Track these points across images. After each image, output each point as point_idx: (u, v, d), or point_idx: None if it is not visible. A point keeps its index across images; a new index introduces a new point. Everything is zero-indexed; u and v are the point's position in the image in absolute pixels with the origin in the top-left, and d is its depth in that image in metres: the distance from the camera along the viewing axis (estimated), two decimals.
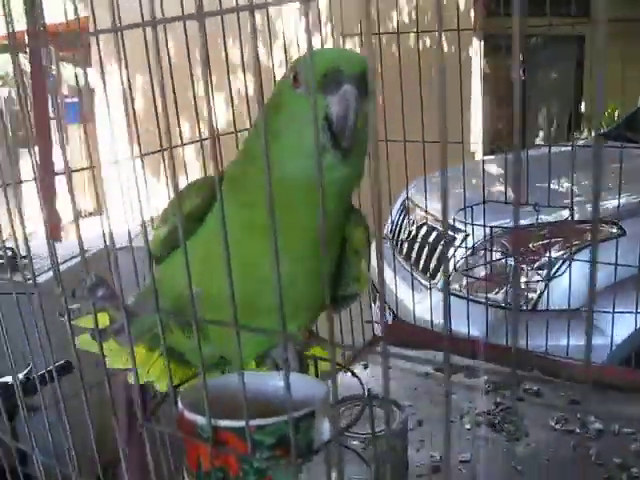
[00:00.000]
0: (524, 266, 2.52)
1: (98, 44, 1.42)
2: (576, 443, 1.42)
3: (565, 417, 1.51)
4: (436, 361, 1.82)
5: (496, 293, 2.57)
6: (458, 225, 2.70)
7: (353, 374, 0.96)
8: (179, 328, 1.20)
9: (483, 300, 2.27)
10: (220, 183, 1.07)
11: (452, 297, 2.31)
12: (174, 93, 1.44)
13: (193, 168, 1.54)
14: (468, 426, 1.52)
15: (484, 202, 1.93)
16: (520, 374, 1.68)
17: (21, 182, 1.36)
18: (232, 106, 1.59)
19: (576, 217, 2.42)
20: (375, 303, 3.17)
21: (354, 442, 1.05)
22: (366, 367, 1.85)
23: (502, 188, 2.28)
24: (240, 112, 1.65)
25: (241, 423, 0.70)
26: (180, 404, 0.79)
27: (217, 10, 0.60)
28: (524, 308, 2.48)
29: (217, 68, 1.54)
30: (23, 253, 1.10)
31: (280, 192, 0.96)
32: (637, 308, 1.83)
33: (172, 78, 1.51)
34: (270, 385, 0.90)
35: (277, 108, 1.00)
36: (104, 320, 1.14)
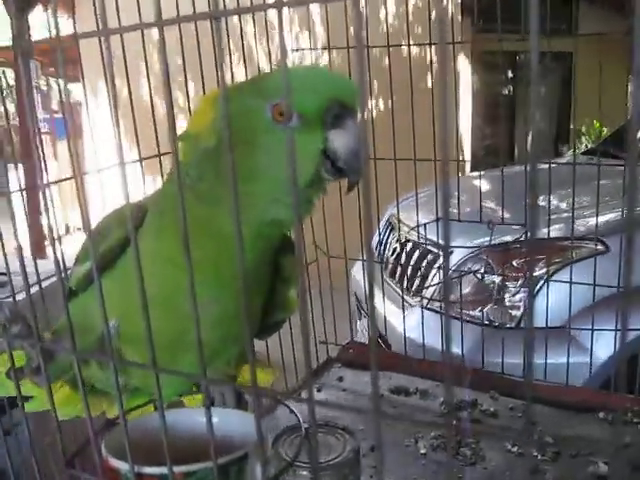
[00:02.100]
0: (508, 283, 2.52)
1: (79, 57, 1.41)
2: (532, 467, 1.38)
3: (522, 439, 1.47)
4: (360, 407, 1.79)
5: (479, 311, 2.56)
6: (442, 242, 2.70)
7: (287, 407, 0.92)
8: (98, 365, 1.12)
9: (466, 318, 2.27)
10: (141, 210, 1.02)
11: (434, 315, 2.30)
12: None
13: None
14: (423, 450, 1.48)
15: (437, 219, 1.91)
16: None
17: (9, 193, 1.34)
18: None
19: (560, 233, 2.43)
20: (360, 320, 3.16)
21: (303, 472, 1.00)
22: (319, 390, 1.80)
23: (487, 205, 2.27)
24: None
25: (165, 470, 0.65)
26: (103, 449, 0.74)
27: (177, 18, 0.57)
28: (508, 325, 2.48)
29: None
30: (2, 270, 1.08)
31: (217, 230, 0.92)
32: (616, 326, 1.82)
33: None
34: (202, 422, 0.80)
35: (247, 146, 0.90)
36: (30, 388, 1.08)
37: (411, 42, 2.02)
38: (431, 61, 1.86)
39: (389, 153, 1.91)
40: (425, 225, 2.07)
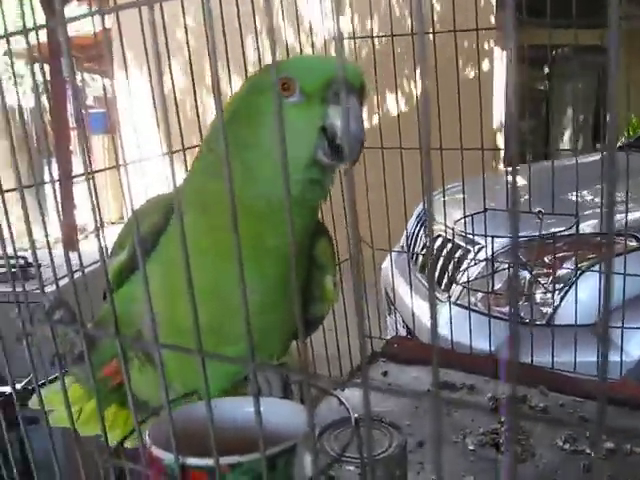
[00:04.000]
0: (540, 279, 2.48)
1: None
2: (587, 464, 1.35)
3: (574, 436, 1.44)
4: (419, 391, 1.77)
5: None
6: (476, 238, 2.67)
7: (336, 397, 0.89)
8: (138, 360, 1.14)
9: (499, 315, 2.24)
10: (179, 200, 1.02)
11: (464, 310, 2.27)
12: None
13: None
14: (471, 447, 1.45)
15: (484, 210, 1.87)
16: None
17: (42, 184, 1.35)
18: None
19: (593, 229, 2.38)
20: (390, 315, 3.15)
21: (349, 467, 0.98)
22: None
23: (523, 199, 2.24)
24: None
25: (211, 461, 0.63)
26: (147, 438, 0.72)
27: None
28: (538, 322, 2.44)
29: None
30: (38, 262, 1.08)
31: (252, 212, 0.92)
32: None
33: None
34: (247, 412, 0.81)
35: (257, 118, 0.94)
36: (57, 400, 1.06)
37: (456, 29, 1.97)
38: (478, 48, 1.83)
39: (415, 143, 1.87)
40: (467, 218, 2.03)
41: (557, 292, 2.42)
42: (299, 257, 1.05)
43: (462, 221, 2.29)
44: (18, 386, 1.50)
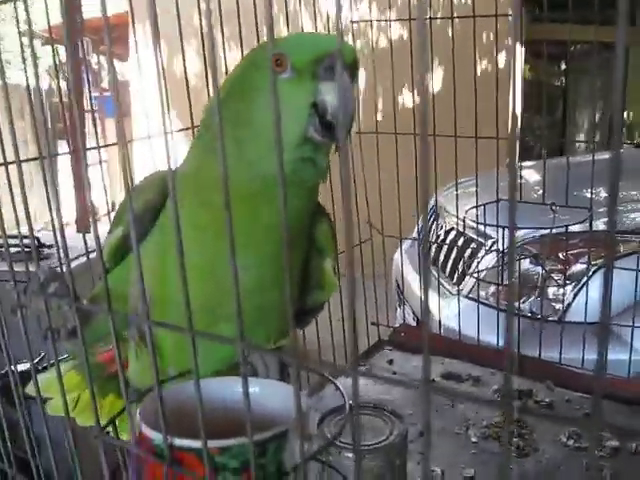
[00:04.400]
0: (553, 275, 2.47)
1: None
2: (589, 462, 1.35)
3: (578, 432, 1.43)
4: (411, 382, 1.77)
5: (523, 302, 2.52)
6: (488, 231, 2.65)
7: (335, 385, 0.87)
8: (134, 344, 1.12)
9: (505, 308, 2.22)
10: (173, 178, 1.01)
11: (475, 304, 2.26)
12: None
13: None
14: (474, 439, 1.45)
15: (497, 200, 1.85)
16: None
17: (57, 155, 1.32)
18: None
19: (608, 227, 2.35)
20: (401, 306, 3.14)
21: (348, 454, 0.98)
22: (368, 371, 1.78)
23: (537, 194, 2.22)
24: None
25: (200, 444, 0.61)
26: (138, 417, 0.70)
27: None
28: (550, 319, 2.42)
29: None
30: (49, 242, 1.07)
31: (246, 189, 0.91)
32: None
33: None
34: (240, 392, 0.78)
35: (249, 94, 0.92)
36: (55, 387, 1.04)
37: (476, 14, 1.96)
38: (497, 35, 1.81)
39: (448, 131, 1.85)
40: (479, 208, 2.01)
41: (570, 289, 2.41)
42: (297, 238, 1.03)
43: (475, 213, 2.28)
44: (23, 367, 1.50)
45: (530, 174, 3.27)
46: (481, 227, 2.66)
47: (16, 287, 0.81)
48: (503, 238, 2.11)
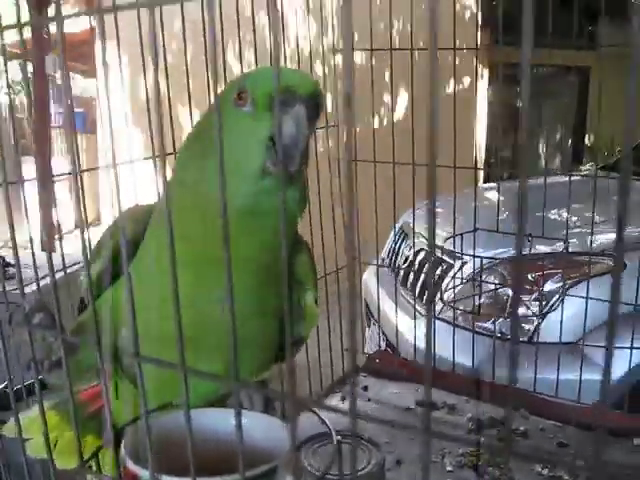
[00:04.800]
0: (521, 297, 2.49)
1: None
2: None
3: (552, 461, 1.44)
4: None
5: (492, 323, 2.53)
6: (457, 252, 2.67)
7: (318, 417, 0.87)
8: (117, 377, 1.11)
9: (479, 330, 2.24)
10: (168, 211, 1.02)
11: (446, 325, 2.27)
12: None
13: None
14: (449, 467, 1.43)
15: (474, 230, 1.88)
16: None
17: (23, 181, 1.31)
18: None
19: (575, 248, 2.38)
20: (369, 327, 3.14)
21: None
22: (344, 399, 1.76)
23: (500, 216, 2.25)
24: None
25: None
26: (123, 452, 0.68)
27: None
28: (520, 339, 2.44)
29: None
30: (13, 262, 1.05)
31: (214, 224, 0.91)
32: (632, 344, 1.79)
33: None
34: (229, 425, 0.78)
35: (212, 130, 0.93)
36: (35, 428, 1.05)
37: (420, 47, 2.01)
38: (455, 66, 1.86)
39: (406, 158, 1.89)
40: (459, 235, 2.03)
41: (540, 310, 2.43)
42: (273, 269, 1.01)
43: (451, 241, 2.31)
44: None
45: (493, 196, 3.32)
46: (450, 248, 2.69)
47: None
48: (474, 262, 2.12)
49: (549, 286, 2.42)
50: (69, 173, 1.32)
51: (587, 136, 9.11)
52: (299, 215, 1.01)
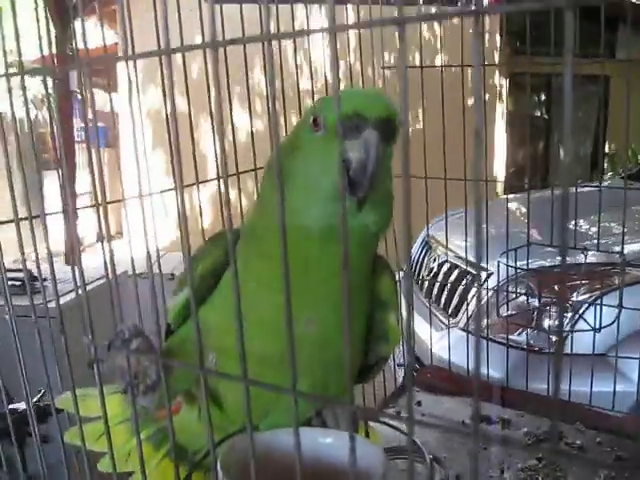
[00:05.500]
0: (549, 308, 2.47)
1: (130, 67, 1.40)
2: None
3: (612, 475, 1.41)
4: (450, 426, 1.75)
5: (518, 334, 2.51)
6: (483, 264, 2.66)
7: (414, 441, 0.87)
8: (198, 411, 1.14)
9: (503, 341, 2.22)
10: (237, 235, 1.03)
11: (472, 337, 2.25)
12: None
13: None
14: None
15: (528, 244, 1.87)
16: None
17: (46, 214, 1.33)
18: (252, 140, 1.54)
19: (601, 259, 2.36)
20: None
21: None
22: (399, 414, 1.74)
23: (524, 228, 2.23)
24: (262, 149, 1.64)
25: None
26: (219, 470, 0.69)
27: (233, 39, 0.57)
28: (547, 350, 2.42)
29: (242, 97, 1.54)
30: (42, 276, 1.07)
31: (298, 242, 0.90)
32: None
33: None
34: (321, 443, 0.82)
35: (294, 151, 0.95)
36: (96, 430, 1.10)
37: (444, 63, 2.03)
38: (463, 82, 1.88)
39: (422, 172, 1.92)
40: (513, 250, 2.02)
41: (567, 321, 2.41)
42: (358, 290, 1.02)
43: (464, 246, 2.29)
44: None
45: (516, 207, 3.30)
46: (472, 259, 2.67)
47: (93, 341, 0.81)
48: (498, 271, 2.10)
49: (578, 297, 2.39)
50: (92, 204, 1.33)
51: (607, 145, 9.06)
52: (380, 235, 1.00)
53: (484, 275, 2.68)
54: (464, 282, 2.89)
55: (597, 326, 1.87)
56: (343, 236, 0.48)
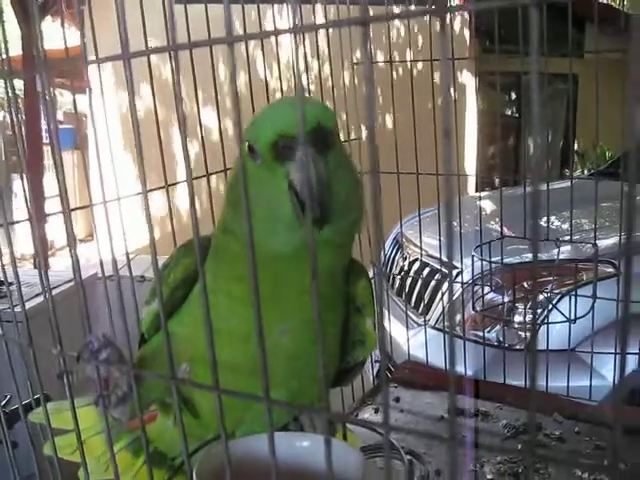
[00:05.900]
0: (519, 304, 2.49)
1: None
2: None
3: (593, 465, 1.43)
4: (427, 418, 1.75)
5: (489, 331, 2.53)
6: (453, 261, 2.67)
7: (380, 434, 0.88)
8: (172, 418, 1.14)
9: (477, 339, 2.24)
10: (208, 241, 1.02)
11: (441, 334, 2.27)
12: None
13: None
14: (489, 475, 1.42)
15: (502, 237, 1.88)
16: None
17: (13, 223, 1.32)
18: (221, 140, 1.52)
19: (573, 254, 2.39)
20: None
21: None
22: (377, 411, 1.74)
23: (497, 225, 2.25)
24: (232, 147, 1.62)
25: None
26: (195, 478, 0.68)
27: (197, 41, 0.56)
28: (517, 347, 2.45)
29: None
30: (9, 280, 1.05)
31: (266, 263, 0.88)
32: (615, 350, 1.79)
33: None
34: (297, 447, 0.81)
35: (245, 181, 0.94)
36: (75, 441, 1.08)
37: (413, 58, 2.03)
38: (432, 76, 1.88)
39: (392, 168, 1.91)
40: (487, 244, 2.03)
41: (536, 317, 2.43)
42: (332, 297, 1.01)
43: (436, 245, 2.29)
44: None
45: (487, 205, 3.33)
46: (444, 258, 2.69)
47: (62, 352, 0.80)
48: (473, 266, 2.11)
49: (550, 292, 2.41)
50: (60, 211, 1.31)
51: (576, 142, 9.16)
52: (349, 244, 0.99)
53: (454, 273, 2.70)
54: (435, 279, 2.91)
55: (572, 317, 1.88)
56: (311, 255, 0.48)
